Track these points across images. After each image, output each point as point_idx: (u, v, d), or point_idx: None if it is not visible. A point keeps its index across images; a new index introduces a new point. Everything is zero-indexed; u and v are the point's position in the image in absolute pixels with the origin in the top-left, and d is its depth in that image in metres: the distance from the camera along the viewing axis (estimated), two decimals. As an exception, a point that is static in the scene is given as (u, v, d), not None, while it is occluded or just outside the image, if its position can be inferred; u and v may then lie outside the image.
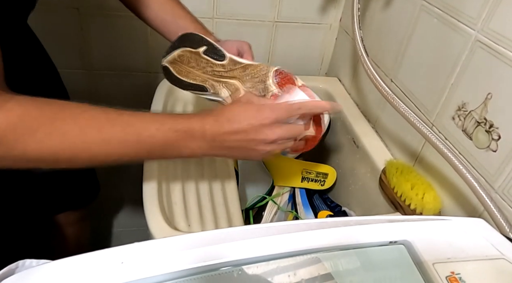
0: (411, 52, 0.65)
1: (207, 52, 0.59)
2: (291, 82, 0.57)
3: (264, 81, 0.57)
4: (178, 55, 0.60)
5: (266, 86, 0.57)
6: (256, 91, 0.57)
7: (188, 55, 0.60)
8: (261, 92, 0.57)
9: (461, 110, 0.53)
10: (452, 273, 0.32)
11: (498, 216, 0.44)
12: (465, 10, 0.52)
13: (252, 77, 0.57)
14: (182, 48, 0.60)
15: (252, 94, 0.53)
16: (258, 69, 0.58)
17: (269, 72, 0.57)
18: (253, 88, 0.57)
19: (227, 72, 0.59)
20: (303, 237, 0.34)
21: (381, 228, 0.36)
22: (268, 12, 0.88)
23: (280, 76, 0.57)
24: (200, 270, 0.31)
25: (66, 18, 0.82)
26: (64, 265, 0.31)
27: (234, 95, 0.57)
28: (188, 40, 0.60)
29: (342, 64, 0.92)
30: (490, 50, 0.48)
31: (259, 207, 0.82)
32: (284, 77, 0.57)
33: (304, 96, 0.54)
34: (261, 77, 0.57)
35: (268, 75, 0.57)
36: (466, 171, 0.47)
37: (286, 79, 0.57)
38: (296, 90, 0.54)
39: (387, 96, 0.56)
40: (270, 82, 0.57)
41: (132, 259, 0.31)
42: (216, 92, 0.58)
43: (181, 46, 0.60)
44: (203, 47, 0.59)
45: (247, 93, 0.55)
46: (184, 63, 0.59)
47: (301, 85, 0.57)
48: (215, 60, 0.59)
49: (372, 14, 0.77)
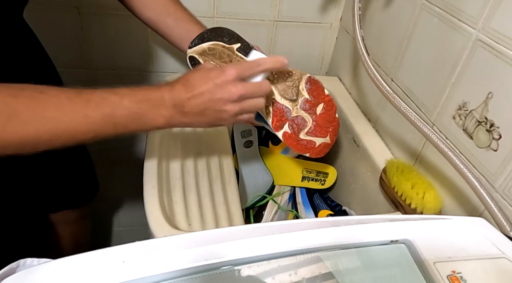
0: (411, 52, 0.65)
1: (241, 50, 0.59)
2: (321, 90, 0.61)
3: (297, 87, 0.59)
4: (208, 48, 0.59)
5: (300, 91, 0.59)
6: (288, 95, 0.59)
7: (220, 49, 0.58)
8: (293, 96, 0.59)
9: (462, 109, 0.53)
10: (453, 272, 0.32)
11: (499, 215, 0.44)
12: (466, 9, 0.52)
13: (286, 81, 0.59)
14: (214, 41, 0.59)
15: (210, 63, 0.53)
16: (292, 74, 0.59)
17: (303, 79, 0.60)
18: (285, 91, 0.58)
19: None
20: (304, 236, 0.34)
21: (382, 227, 0.36)
22: (268, 11, 0.88)
23: (312, 83, 0.60)
24: (201, 269, 0.31)
25: (66, 17, 0.82)
26: (65, 264, 0.31)
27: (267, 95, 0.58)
28: (222, 34, 0.59)
29: (342, 64, 0.92)
30: (491, 49, 0.48)
31: (259, 206, 0.82)
32: (315, 85, 0.61)
33: (261, 55, 0.55)
34: (295, 82, 0.59)
35: (301, 82, 0.60)
36: (467, 170, 0.47)
37: (317, 86, 0.61)
38: (254, 52, 0.55)
39: (388, 96, 0.56)
40: (302, 88, 0.59)
41: (133, 258, 0.31)
42: None
43: (214, 39, 0.59)
44: (238, 44, 0.58)
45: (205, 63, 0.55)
46: (216, 57, 0.58)
47: (327, 95, 0.61)
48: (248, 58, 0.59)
49: (373, 14, 0.77)
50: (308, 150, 0.61)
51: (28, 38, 0.65)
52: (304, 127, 0.60)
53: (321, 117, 0.60)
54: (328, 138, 0.61)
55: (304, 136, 0.59)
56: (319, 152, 0.62)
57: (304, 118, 0.59)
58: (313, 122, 0.60)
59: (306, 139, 0.59)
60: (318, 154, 0.62)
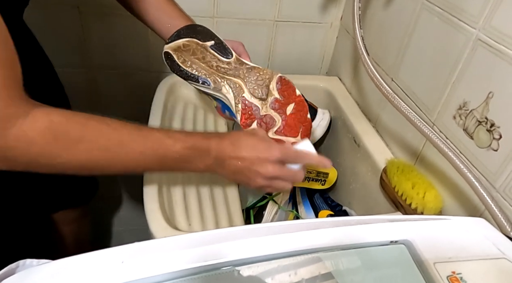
0: (412, 51, 0.65)
1: (214, 48, 0.60)
2: (292, 90, 0.61)
3: (268, 86, 0.60)
4: (183, 44, 0.60)
5: (270, 91, 0.60)
6: (258, 94, 0.59)
7: (194, 46, 0.60)
8: (262, 95, 0.59)
9: (462, 109, 0.53)
10: (453, 272, 0.32)
11: (499, 216, 0.43)
12: (466, 9, 0.52)
13: (256, 80, 0.60)
14: (189, 38, 0.60)
15: (264, 131, 0.57)
16: (263, 73, 0.60)
17: (273, 78, 0.60)
18: (256, 90, 0.59)
19: (232, 71, 0.60)
20: (304, 237, 0.34)
21: (382, 227, 0.36)
22: (268, 11, 0.88)
23: (282, 83, 0.61)
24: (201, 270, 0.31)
25: (67, 17, 0.82)
26: (64, 265, 0.31)
27: (237, 93, 0.59)
28: (196, 32, 0.60)
29: (342, 63, 0.92)
30: (491, 49, 0.48)
31: (259, 206, 0.82)
32: (286, 85, 0.61)
33: (310, 149, 0.56)
34: (265, 81, 0.60)
35: (272, 81, 0.60)
36: (467, 170, 0.47)
37: (287, 87, 0.61)
38: (306, 141, 0.57)
39: (388, 95, 0.56)
40: (273, 87, 0.60)
41: (133, 258, 0.31)
42: (218, 87, 0.59)
43: (188, 36, 0.60)
44: (211, 42, 0.60)
45: (261, 129, 0.58)
46: (189, 53, 0.59)
47: (298, 95, 0.61)
48: (222, 56, 0.60)
49: (373, 13, 0.77)
50: None
51: (28, 40, 0.65)
52: (273, 126, 0.60)
53: (291, 117, 0.61)
54: (299, 137, 0.61)
55: (272, 135, 0.60)
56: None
57: (273, 117, 0.60)
58: (282, 122, 0.60)
59: (275, 139, 0.60)
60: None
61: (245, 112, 0.59)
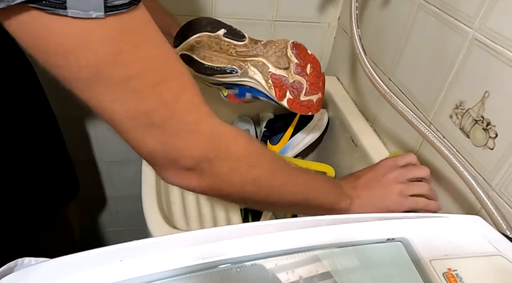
0: (409, 51, 0.65)
1: (226, 35, 0.60)
2: (305, 52, 0.64)
3: (286, 54, 0.62)
4: (195, 41, 0.59)
5: (289, 58, 0.62)
6: (281, 64, 0.62)
7: (206, 39, 0.59)
8: (285, 64, 0.62)
9: (459, 108, 0.53)
10: (449, 269, 0.32)
11: (495, 214, 0.44)
12: (463, 9, 0.52)
13: (275, 52, 0.62)
14: (199, 33, 0.59)
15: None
16: (277, 44, 0.62)
17: (288, 46, 0.62)
18: (277, 62, 0.62)
19: (250, 51, 0.61)
20: (301, 235, 0.34)
21: (378, 225, 0.36)
22: (266, 11, 0.88)
23: (296, 48, 0.63)
24: (199, 268, 0.31)
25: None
26: (62, 263, 0.31)
27: (263, 70, 0.61)
28: (203, 24, 0.60)
29: (340, 63, 0.92)
30: (487, 48, 0.48)
31: (258, 205, 0.82)
32: (299, 48, 0.63)
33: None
34: (283, 51, 0.62)
35: (287, 49, 0.62)
36: (464, 169, 0.47)
37: (301, 49, 0.63)
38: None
39: (385, 95, 0.56)
40: (290, 54, 0.62)
41: (131, 257, 0.31)
42: (245, 72, 0.60)
43: (197, 31, 0.60)
44: (222, 30, 0.60)
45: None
46: (205, 48, 0.59)
47: (311, 54, 0.64)
48: (237, 41, 0.61)
49: (370, 13, 0.77)
50: (309, 109, 0.64)
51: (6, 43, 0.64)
52: (302, 89, 0.62)
53: (312, 76, 0.64)
54: (320, 93, 0.65)
55: (303, 98, 0.63)
56: (317, 107, 0.66)
57: (300, 82, 0.62)
58: (307, 83, 0.63)
59: (306, 100, 0.63)
60: (317, 110, 0.66)
61: (276, 85, 0.61)
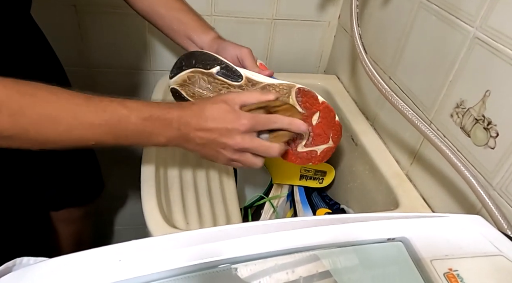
0: (409, 50, 0.65)
1: (221, 73, 0.56)
2: (314, 100, 0.57)
3: (287, 102, 0.55)
4: (188, 76, 0.56)
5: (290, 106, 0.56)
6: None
7: (199, 76, 0.56)
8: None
9: (459, 107, 0.53)
10: (450, 269, 0.32)
11: (496, 213, 0.44)
12: (464, 7, 0.52)
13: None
14: (192, 68, 0.56)
15: (234, 94, 0.51)
16: (279, 88, 0.56)
17: (292, 92, 0.56)
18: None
19: None
20: (301, 234, 0.34)
21: (379, 225, 0.36)
22: (266, 9, 0.88)
23: (302, 95, 0.56)
24: (198, 268, 0.31)
25: (63, 15, 0.82)
26: (61, 263, 0.31)
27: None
28: (198, 60, 0.56)
29: (340, 62, 0.92)
30: (488, 47, 0.48)
31: (257, 205, 0.82)
32: (306, 96, 0.56)
33: (273, 80, 0.52)
34: (283, 97, 0.56)
35: (291, 95, 0.56)
36: (464, 168, 0.47)
37: (308, 97, 0.57)
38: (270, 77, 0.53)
39: (386, 94, 0.56)
40: (293, 102, 0.56)
41: (130, 256, 0.31)
42: None
43: (191, 66, 0.56)
44: (216, 68, 0.56)
45: (230, 94, 0.52)
46: (196, 86, 0.56)
47: (322, 102, 0.57)
48: (231, 81, 0.56)
49: (371, 12, 0.77)
50: (310, 160, 0.59)
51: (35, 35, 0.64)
52: (301, 140, 0.57)
53: (318, 126, 0.57)
54: (331, 142, 0.58)
55: (302, 149, 0.57)
56: (322, 157, 0.60)
57: (300, 134, 0.56)
58: (310, 134, 0.57)
59: (306, 151, 0.57)
60: (322, 160, 0.60)
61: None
